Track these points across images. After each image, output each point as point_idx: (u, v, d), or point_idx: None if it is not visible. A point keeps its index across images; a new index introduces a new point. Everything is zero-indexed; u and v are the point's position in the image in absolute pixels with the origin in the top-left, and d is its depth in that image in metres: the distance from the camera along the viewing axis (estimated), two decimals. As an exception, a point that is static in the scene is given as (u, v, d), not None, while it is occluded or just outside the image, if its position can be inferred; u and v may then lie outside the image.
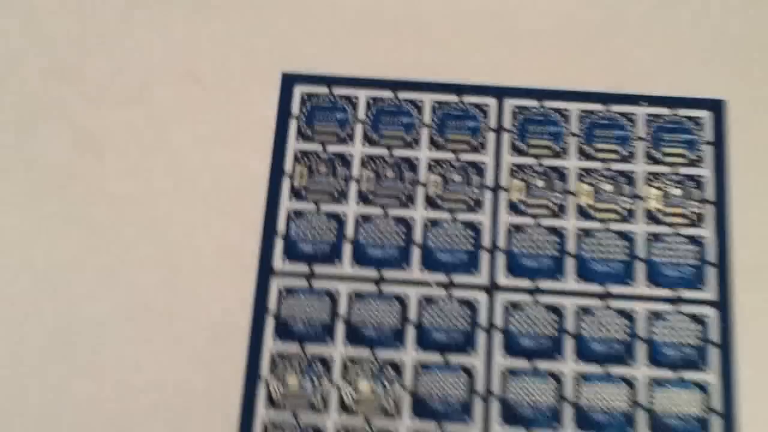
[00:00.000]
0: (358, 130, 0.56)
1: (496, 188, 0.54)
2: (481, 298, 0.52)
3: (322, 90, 0.56)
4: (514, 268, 0.53)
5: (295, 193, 0.54)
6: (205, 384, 0.50)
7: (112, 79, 0.56)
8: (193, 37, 0.57)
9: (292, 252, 0.53)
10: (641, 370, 0.50)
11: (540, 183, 0.54)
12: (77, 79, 0.56)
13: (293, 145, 0.55)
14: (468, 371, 0.50)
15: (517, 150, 0.55)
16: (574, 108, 0.55)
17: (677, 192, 0.54)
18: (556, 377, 0.50)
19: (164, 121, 0.55)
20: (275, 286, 0.52)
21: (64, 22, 0.58)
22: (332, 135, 0.56)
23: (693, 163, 0.54)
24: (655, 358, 0.51)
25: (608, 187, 0.54)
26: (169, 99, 0.56)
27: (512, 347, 0.51)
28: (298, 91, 0.56)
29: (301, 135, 0.55)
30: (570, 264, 0.53)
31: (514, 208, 0.54)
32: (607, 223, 0.53)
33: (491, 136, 0.55)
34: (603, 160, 0.55)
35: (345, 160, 0.55)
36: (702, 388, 0.50)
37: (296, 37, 0.57)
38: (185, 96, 0.56)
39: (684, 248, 0.53)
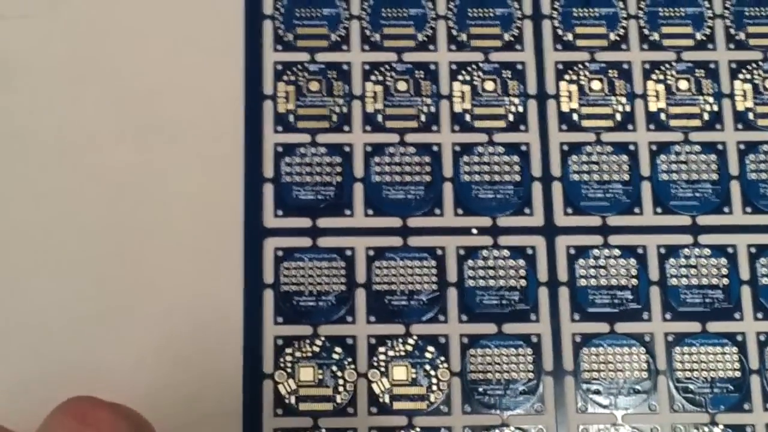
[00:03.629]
0: (354, 29, 0.42)
1: (541, 96, 0.42)
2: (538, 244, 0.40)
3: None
4: (575, 201, 0.41)
5: (281, 122, 0.41)
6: (195, 390, 0.38)
7: None
8: None
9: (286, 202, 0.41)
10: (748, 324, 0.40)
11: (595, 85, 0.42)
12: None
13: (271, 56, 0.42)
14: (528, 341, 0.39)
15: (561, 42, 0.42)
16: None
17: (771, 84, 0.42)
18: (643, 342, 0.39)
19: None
20: (270, 249, 0.40)
21: None
22: (321, 39, 0.42)
23: (788, 44, 0.43)
24: (764, 306, 0.40)
25: (683, 85, 0.42)
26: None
27: (582, 307, 0.40)
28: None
29: (280, 42, 0.42)
30: (646, 190, 0.41)
31: (566, 120, 0.42)
32: (687, 133, 0.42)
33: (528, 26, 0.42)
34: (672, 49, 0.42)
35: (342, 72, 0.42)
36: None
37: None
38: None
39: (786, 158, 0.41)
